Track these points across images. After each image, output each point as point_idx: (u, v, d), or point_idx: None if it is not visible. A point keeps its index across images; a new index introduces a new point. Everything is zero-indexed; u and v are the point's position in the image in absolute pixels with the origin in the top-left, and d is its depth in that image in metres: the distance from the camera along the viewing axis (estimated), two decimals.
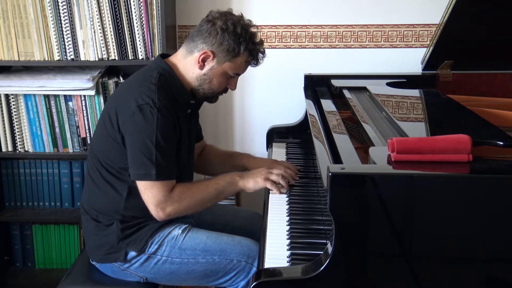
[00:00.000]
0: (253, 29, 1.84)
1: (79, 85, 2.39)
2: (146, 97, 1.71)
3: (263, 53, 1.89)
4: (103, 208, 1.83)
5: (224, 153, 2.21)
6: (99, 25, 2.37)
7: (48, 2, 2.36)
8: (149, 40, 2.41)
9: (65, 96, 2.44)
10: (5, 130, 2.48)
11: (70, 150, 2.50)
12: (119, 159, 1.77)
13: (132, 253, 1.80)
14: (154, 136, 1.69)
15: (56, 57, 2.41)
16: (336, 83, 2.26)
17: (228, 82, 1.87)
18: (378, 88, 2.11)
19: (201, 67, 1.81)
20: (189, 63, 1.83)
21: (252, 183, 1.83)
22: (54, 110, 2.46)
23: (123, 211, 1.80)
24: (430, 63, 2.28)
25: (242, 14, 1.85)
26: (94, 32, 2.38)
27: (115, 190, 1.80)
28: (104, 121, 1.81)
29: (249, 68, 1.89)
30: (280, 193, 1.84)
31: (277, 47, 2.63)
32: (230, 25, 1.78)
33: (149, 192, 1.71)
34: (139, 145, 1.70)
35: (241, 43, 1.78)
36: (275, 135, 2.46)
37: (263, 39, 2.00)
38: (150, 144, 1.69)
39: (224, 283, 1.80)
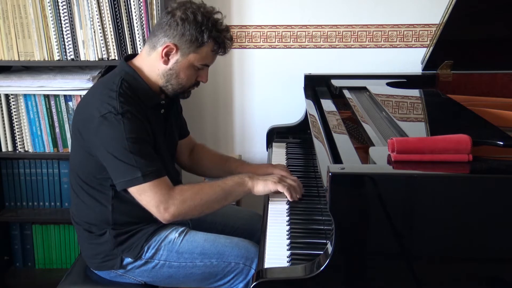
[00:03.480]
0: (217, 16, 1.75)
1: (79, 85, 2.39)
2: (108, 106, 1.65)
3: (230, 39, 1.78)
4: (92, 220, 1.79)
5: (219, 156, 2.14)
6: (99, 25, 2.37)
7: (48, 2, 2.36)
8: None
9: (65, 96, 2.44)
10: (5, 130, 2.48)
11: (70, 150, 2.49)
12: (97, 171, 1.72)
13: (128, 259, 1.77)
14: (126, 141, 1.62)
15: (56, 57, 2.41)
16: (336, 83, 2.26)
17: (198, 74, 1.79)
18: (378, 88, 2.11)
19: (166, 62, 1.74)
20: (153, 60, 1.76)
21: (262, 185, 1.76)
22: (54, 110, 2.46)
23: (113, 221, 1.76)
24: (430, 63, 2.27)
25: (203, 1, 1.76)
26: (94, 32, 2.38)
27: (100, 203, 1.76)
28: (75, 135, 1.77)
29: (250, 67, 1.86)
30: (292, 198, 1.76)
31: (277, 47, 2.63)
32: (190, 14, 1.69)
33: (145, 196, 1.66)
34: (115, 154, 1.64)
35: (204, 32, 1.70)
36: (275, 135, 2.45)
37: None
38: (124, 150, 1.63)
39: (223, 285, 1.78)
